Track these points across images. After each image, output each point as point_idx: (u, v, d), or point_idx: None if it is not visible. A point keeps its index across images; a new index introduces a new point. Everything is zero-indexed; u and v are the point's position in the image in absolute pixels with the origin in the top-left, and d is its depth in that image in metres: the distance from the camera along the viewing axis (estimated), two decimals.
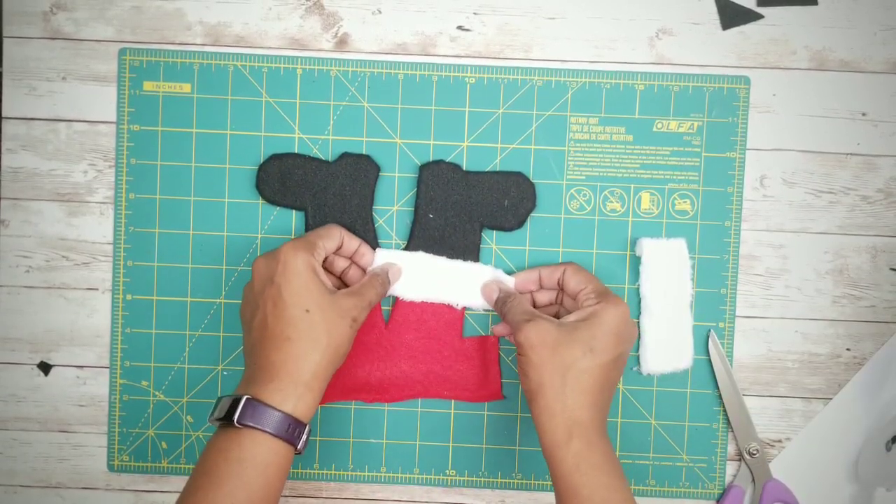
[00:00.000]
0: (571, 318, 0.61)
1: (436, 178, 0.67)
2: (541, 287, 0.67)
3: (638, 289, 0.68)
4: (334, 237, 0.64)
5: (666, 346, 0.68)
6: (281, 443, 0.56)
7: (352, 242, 0.66)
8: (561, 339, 0.59)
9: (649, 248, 0.67)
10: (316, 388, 0.58)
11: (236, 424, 0.56)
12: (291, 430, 0.57)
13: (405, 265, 0.67)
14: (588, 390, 0.58)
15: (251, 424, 0.56)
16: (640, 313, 0.68)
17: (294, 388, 0.57)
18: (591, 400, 0.58)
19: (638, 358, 0.68)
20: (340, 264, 0.66)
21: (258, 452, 0.56)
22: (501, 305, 0.65)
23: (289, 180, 0.67)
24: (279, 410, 0.56)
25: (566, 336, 0.59)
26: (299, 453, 0.58)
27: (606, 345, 0.59)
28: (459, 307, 0.68)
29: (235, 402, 0.57)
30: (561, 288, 0.65)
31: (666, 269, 0.67)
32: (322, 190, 0.67)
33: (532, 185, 0.67)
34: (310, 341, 0.58)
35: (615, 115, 0.68)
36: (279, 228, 0.68)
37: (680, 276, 0.67)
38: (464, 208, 0.67)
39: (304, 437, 0.58)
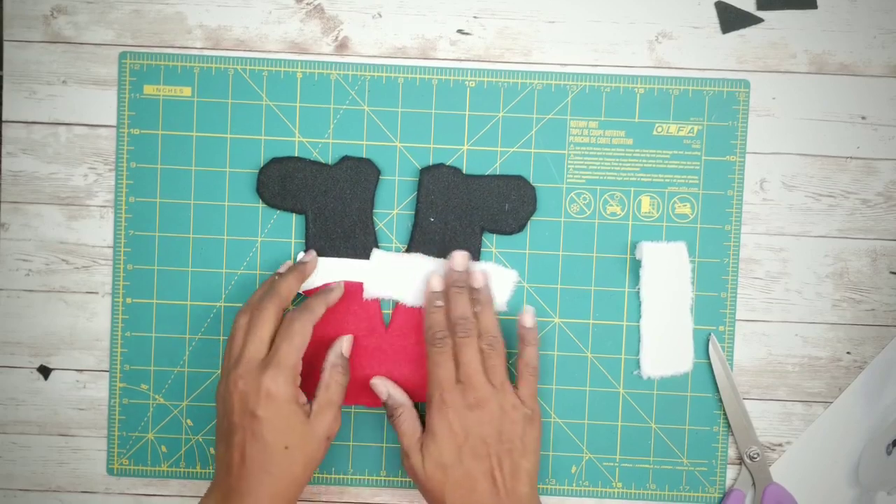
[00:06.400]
0: None
1: (436, 181, 0.67)
2: None
3: (638, 292, 0.68)
4: (307, 336, 0.62)
5: (666, 349, 0.68)
6: None
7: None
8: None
9: (649, 252, 0.67)
10: None
11: None
12: None
13: (405, 269, 0.67)
14: None
15: None
16: (640, 317, 0.68)
17: None
18: None
19: (638, 361, 0.68)
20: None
21: None
22: (390, 417, 0.65)
23: (289, 184, 0.67)
24: None
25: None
26: None
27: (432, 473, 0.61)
28: None
29: None
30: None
31: (666, 273, 0.67)
32: (322, 193, 0.67)
33: (532, 189, 0.68)
34: (290, 476, 0.59)
35: (615, 118, 0.68)
36: (279, 232, 0.68)
37: (680, 279, 0.67)
38: (464, 212, 0.67)
39: None
